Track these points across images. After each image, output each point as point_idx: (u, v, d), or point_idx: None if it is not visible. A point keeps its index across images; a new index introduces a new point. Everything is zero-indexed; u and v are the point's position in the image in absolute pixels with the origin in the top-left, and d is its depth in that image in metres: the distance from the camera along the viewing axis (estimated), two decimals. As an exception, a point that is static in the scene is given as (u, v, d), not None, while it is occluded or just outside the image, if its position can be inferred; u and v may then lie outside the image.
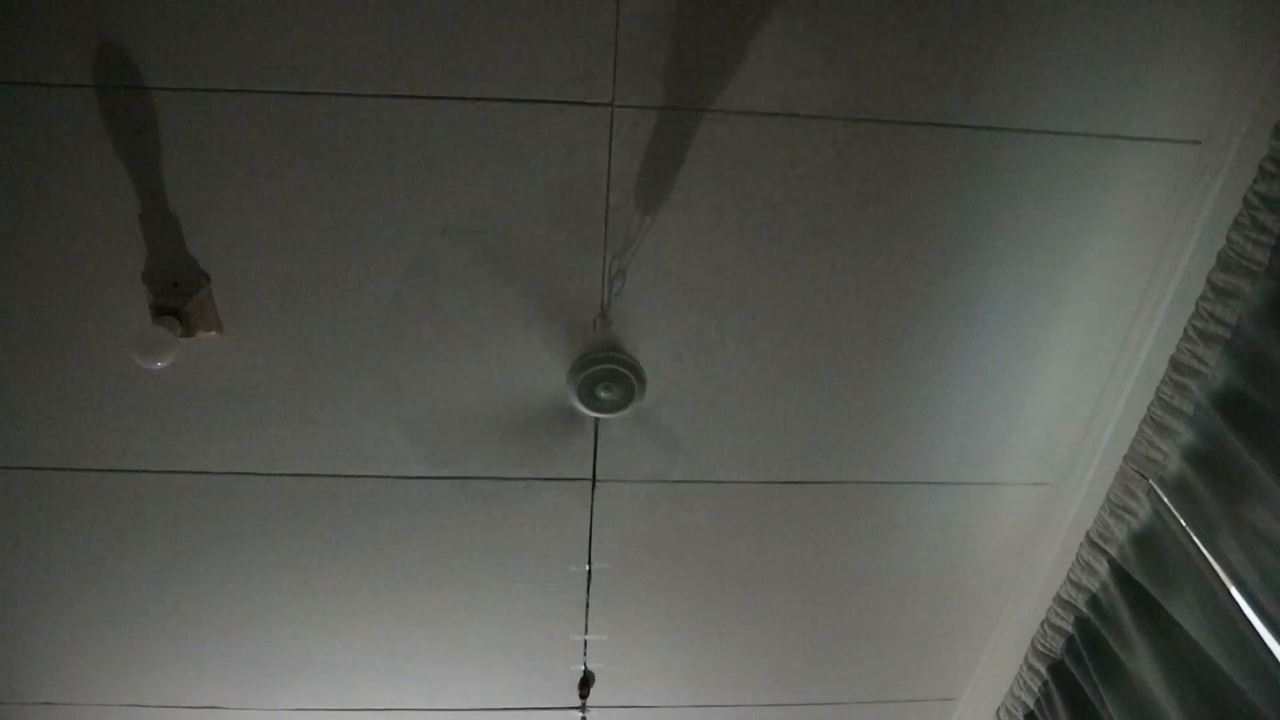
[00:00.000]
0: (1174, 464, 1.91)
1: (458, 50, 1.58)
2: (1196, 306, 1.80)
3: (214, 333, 1.86)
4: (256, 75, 1.59)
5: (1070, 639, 2.31)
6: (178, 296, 1.78)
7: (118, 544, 2.23)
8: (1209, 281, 1.77)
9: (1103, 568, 2.15)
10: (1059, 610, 2.32)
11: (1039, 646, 2.42)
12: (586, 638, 2.57)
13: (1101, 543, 2.14)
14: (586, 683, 2.67)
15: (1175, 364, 1.87)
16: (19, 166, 1.66)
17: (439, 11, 1.54)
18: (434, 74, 1.60)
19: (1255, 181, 1.65)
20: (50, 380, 1.92)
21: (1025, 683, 2.50)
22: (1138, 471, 2.01)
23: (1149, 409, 1.96)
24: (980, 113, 1.70)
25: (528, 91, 1.63)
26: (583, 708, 2.72)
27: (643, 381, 1.90)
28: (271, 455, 2.09)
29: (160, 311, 1.77)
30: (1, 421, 1.98)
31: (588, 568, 2.38)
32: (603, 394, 1.90)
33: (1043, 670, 2.42)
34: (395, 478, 2.15)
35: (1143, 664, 2.01)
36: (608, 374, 1.88)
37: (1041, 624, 2.39)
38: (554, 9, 1.55)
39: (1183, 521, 1.90)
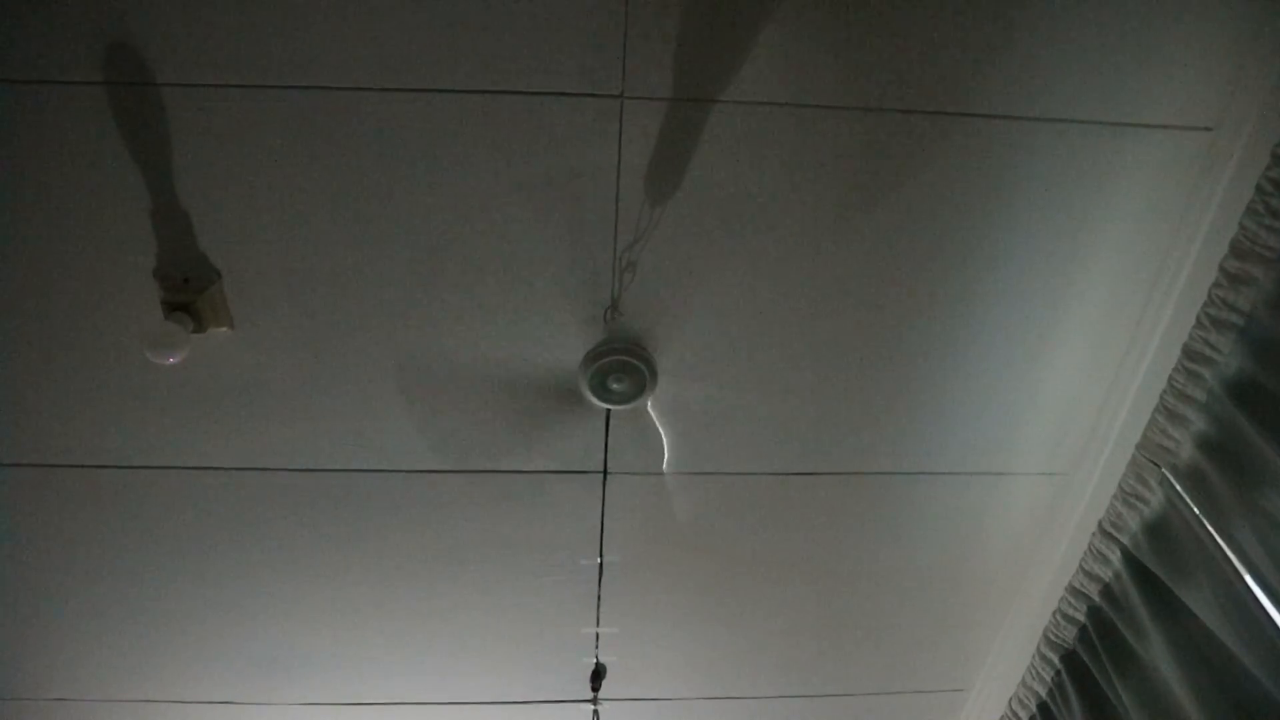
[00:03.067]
0: (1187, 452, 1.91)
1: (467, 43, 1.58)
2: (1209, 293, 1.79)
3: (225, 328, 1.87)
4: (265, 70, 1.59)
5: (1083, 628, 2.30)
6: (189, 292, 1.78)
7: (130, 540, 2.24)
8: (1221, 268, 1.76)
9: (1115, 556, 2.15)
10: (1071, 600, 2.32)
11: (1051, 636, 2.41)
12: (598, 630, 2.57)
13: (1114, 531, 2.14)
14: (598, 675, 2.67)
15: (1188, 351, 1.87)
16: (31, 164, 1.66)
17: (447, 4, 1.54)
18: (443, 67, 1.60)
19: (1268, 167, 1.64)
20: (62, 377, 1.93)
21: (1037, 673, 2.50)
22: (1150, 460, 2.01)
23: (1161, 397, 1.95)
24: (990, 102, 1.69)
25: (537, 84, 1.63)
26: (594, 700, 2.72)
27: (654, 373, 1.90)
28: (282, 450, 2.09)
29: (171, 308, 1.78)
30: (14, 419, 1.99)
31: (599, 560, 2.39)
32: (614, 386, 1.90)
33: (1055, 660, 2.42)
34: (406, 472, 2.15)
35: (1156, 652, 2.00)
36: (619, 366, 1.88)
37: (1053, 613, 2.39)
38: (563, 1, 1.54)
39: (1196, 509, 1.89)
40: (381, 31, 1.56)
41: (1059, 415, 2.16)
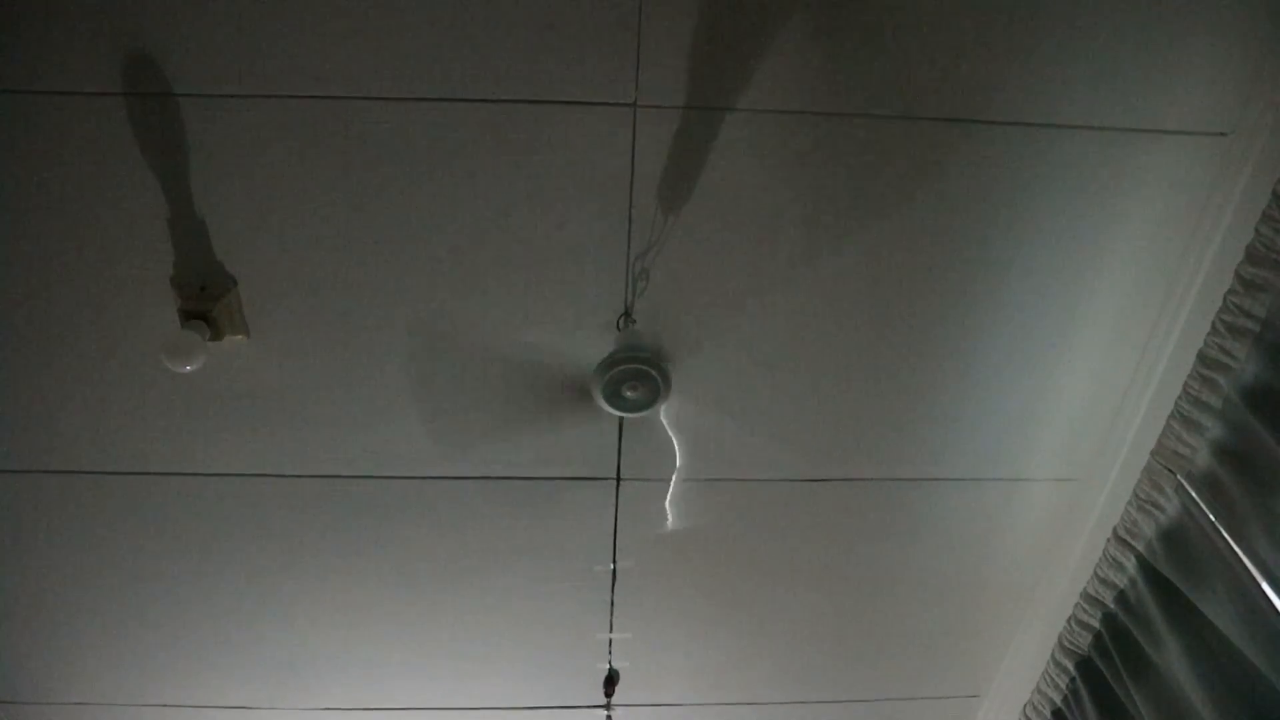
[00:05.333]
0: (1202, 459, 1.90)
1: (480, 52, 1.59)
2: (1224, 300, 1.79)
3: (241, 336, 1.88)
4: (281, 80, 1.60)
5: (1098, 635, 2.29)
6: (205, 301, 1.79)
7: (148, 546, 2.26)
8: (1237, 275, 1.76)
9: (1130, 563, 2.14)
10: (1086, 607, 2.31)
11: (1066, 643, 2.40)
12: (611, 636, 2.58)
13: (1129, 538, 2.13)
14: (611, 681, 2.67)
15: (1203, 358, 1.86)
16: (49, 174, 1.68)
17: (461, 14, 1.55)
18: (457, 76, 1.61)
19: (1284, 174, 1.64)
20: (80, 385, 1.94)
21: (1052, 679, 2.49)
22: (1165, 466, 2.00)
23: (1176, 403, 1.94)
24: (1006, 108, 1.69)
25: (550, 93, 1.64)
26: (608, 706, 2.72)
27: (668, 381, 1.90)
28: (298, 457, 2.10)
29: (188, 316, 1.79)
30: (33, 425, 2.01)
31: (612, 566, 2.39)
32: (628, 393, 1.90)
33: (1070, 667, 2.41)
34: (420, 478, 2.16)
35: (1172, 660, 1.99)
36: (633, 374, 1.87)
37: (1068, 620, 2.38)
38: (577, 10, 1.55)
39: (1211, 516, 1.88)
40: (395, 42, 1.57)
41: (1074, 421, 2.15)
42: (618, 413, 1.94)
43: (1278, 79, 1.66)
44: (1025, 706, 2.67)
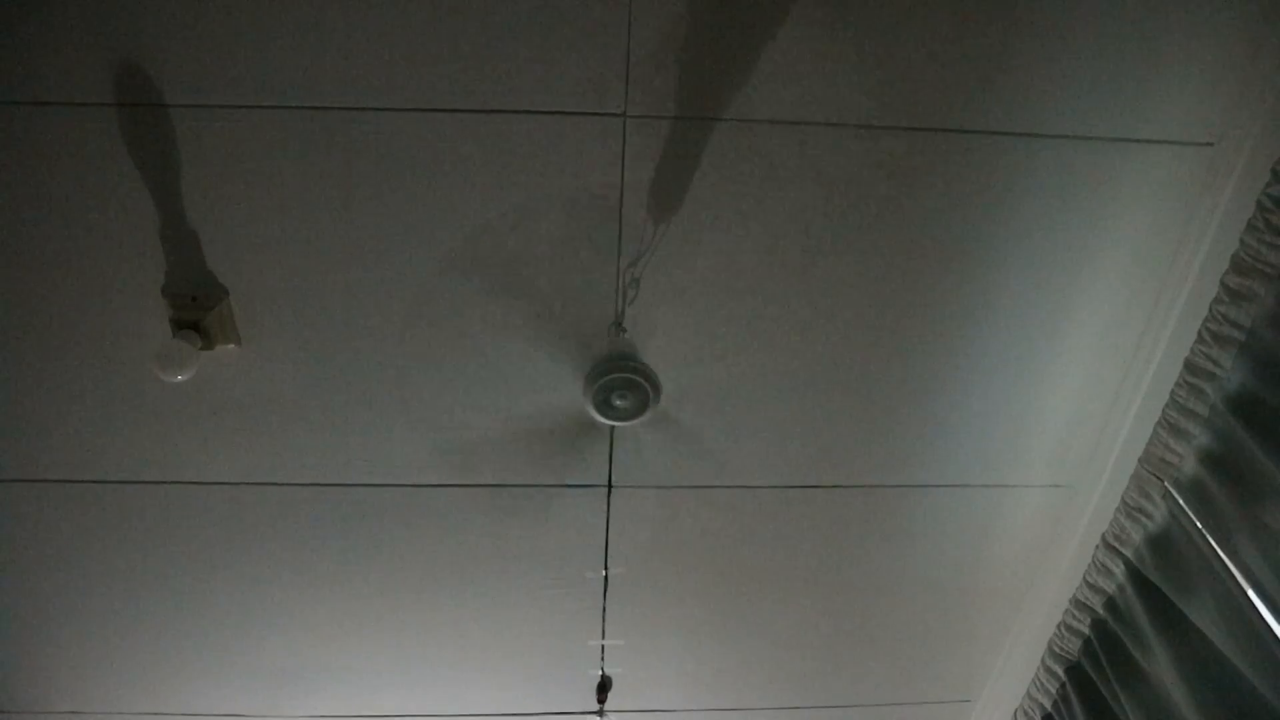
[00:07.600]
0: (1189, 466, 1.91)
1: (471, 63, 1.59)
2: (1210, 309, 1.80)
3: (233, 345, 1.88)
4: (273, 90, 1.61)
5: (1087, 641, 2.30)
6: (197, 310, 1.80)
7: (140, 555, 2.25)
8: (1222, 284, 1.77)
9: (1119, 570, 2.15)
10: (1075, 612, 2.32)
11: (1056, 648, 2.42)
12: (603, 643, 2.58)
13: (1117, 545, 2.14)
14: (604, 687, 2.68)
15: (1189, 366, 1.87)
16: (42, 184, 1.68)
17: (452, 25, 1.56)
18: (448, 87, 1.62)
19: (1269, 184, 1.65)
20: (73, 395, 1.94)
21: (1042, 684, 2.50)
22: (1153, 474, 2.01)
23: (1163, 411, 1.95)
24: (992, 118, 1.70)
25: (541, 103, 1.64)
26: (601, 713, 2.73)
27: (657, 389, 1.91)
28: (290, 465, 2.10)
29: (180, 325, 1.80)
30: (26, 435, 2.01)
31: (604, 573, 2.39)
32: (618, 402, 1.92)
33: (1060, 672, 2.42)
34: (412, 486, 2.16)
35: (1160, 666, 2.00)
36: (623, 382, 1.89)
37: (1058, 626, 2.39)
38: (567, 21, 1.56)
39: (1199, 524, 1.90)
40: (386, 52, 1.58)
41: (1063, 428, 2.16)
42: (608, 421, 1.96)
43: (1263, 90, 1.67)
44: (1016, 711, 2.68)
